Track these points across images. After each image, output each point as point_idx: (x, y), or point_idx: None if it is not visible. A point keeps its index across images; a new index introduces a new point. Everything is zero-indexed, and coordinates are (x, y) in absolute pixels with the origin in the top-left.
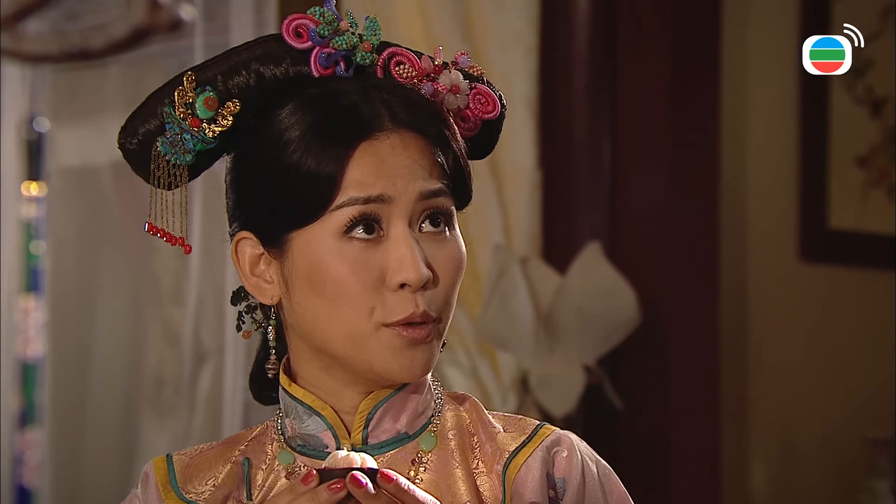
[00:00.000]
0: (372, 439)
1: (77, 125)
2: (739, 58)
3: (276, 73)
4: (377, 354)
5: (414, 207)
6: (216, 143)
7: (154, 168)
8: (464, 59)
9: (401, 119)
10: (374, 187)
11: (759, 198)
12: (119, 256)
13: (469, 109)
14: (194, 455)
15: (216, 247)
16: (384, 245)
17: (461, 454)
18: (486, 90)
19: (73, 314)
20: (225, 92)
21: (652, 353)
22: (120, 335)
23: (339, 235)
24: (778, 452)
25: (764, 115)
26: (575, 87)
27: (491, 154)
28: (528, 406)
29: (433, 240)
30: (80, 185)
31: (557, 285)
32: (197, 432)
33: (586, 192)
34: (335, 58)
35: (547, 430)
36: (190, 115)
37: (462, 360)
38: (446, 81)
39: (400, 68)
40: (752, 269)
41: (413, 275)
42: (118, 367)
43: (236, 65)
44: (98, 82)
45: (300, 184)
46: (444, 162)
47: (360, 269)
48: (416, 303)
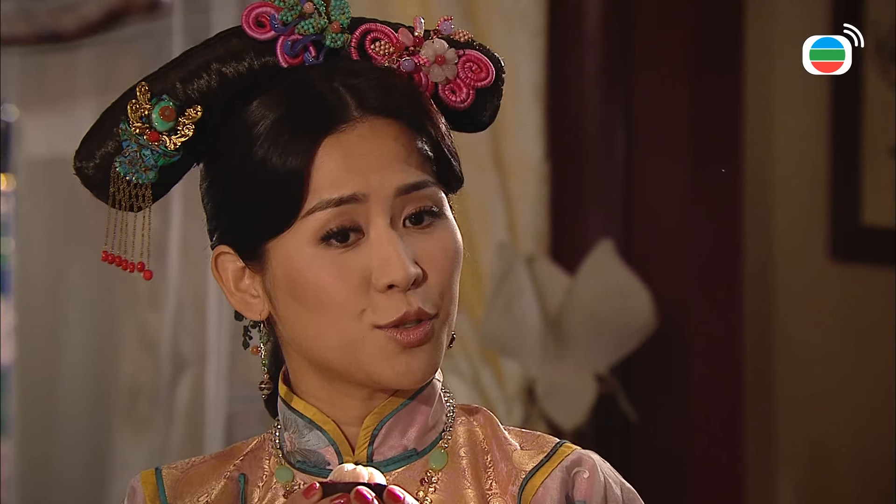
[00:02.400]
0: (377, 456)
1: (47, 113)
2: (765, 38)
3: (240, 69)
4: (372, 359)
5: (394, 202)
6: (180, 154)
7: (114, 191)
8: (446, 25)
9: (369, 105)
10: (345, 186)
11: (786, 191)
12: (92, 255)
13: (459, 79)
14: (186, 469)
15: (196, 246)
16: (366, 246)
17: (473, 473)
18: (477, 56)
19: (42, 318)
20: (185, 99)
21: (669, 361)
22: (92, 341)
23: (316, 242)
24: (806, 468)
25: (791, 101)
26: (586, 72)
27: (494, 144)
28: (534, 418)
29: (420, 232)
30: (51, 178)
31: (566, 287)
32: (175, 447)
33: (598, 185)
34: (302, 44)
35: (567, 449)
36: (147, 128)
37: (463, 368)
38: (429, 53)
39: (376, 45)
40: (778, 269)
41: (400, 274)
42: (90, 376)
43: (195, 68)
44: (69, 66)
45: (267, 188)
46: (425, 146)
47: (342, 274)
48: (407, 301)
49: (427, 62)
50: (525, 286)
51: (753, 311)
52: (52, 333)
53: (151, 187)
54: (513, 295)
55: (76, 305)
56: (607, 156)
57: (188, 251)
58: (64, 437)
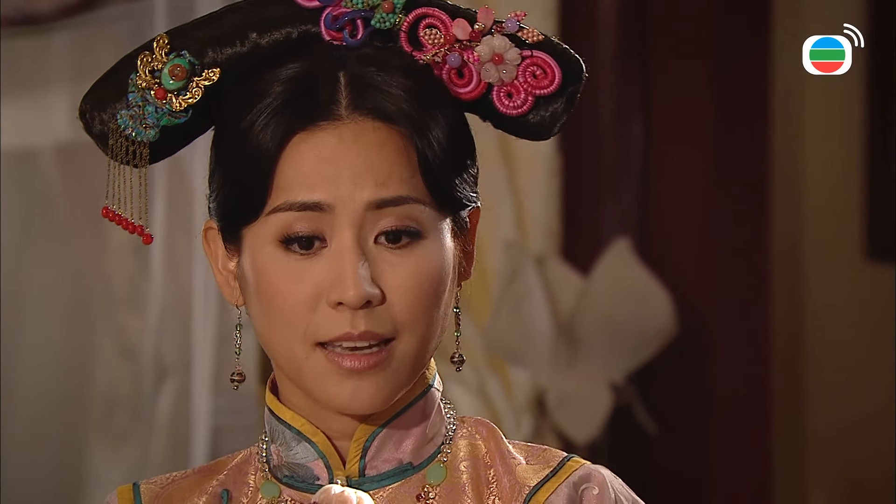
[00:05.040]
0: (370, 470)
1: (15, 101)
2: (795, 20)
3: (276, 37)
4: (315, 381)
5: (364, 216)
6: (187, 116)
7: (112, 143)
8: (512, 21)
9: (364, 105)
10: (312, 192)
11: (818, 186)
12: (63, 254)
13: (518, 82)
14: (165, 484)
15: (180, 244)
16: (326, 257)
17: (474, 489)
18: (546, 60)
19: (8, 322)
20: (209, 62)
21: (690, 369)
22: (64, 347)
23: (277, 243)
24: (841, 486)
25: (822, 88)
26: (600, 57)
27: (501, 134)
28: (545, 430)
29: (393, 252)
30: (19, 171)
31: (579, 289)
32: (156, 463)
33: (613, 179)
34: (348, 18)
35: (575, 464)
36: (156, 84)
37: (467, 377)
38: (485, 50)
39: (428, 34)
40: (809, 270)
41: (350, 293)
42: (62, 386)
43: (229, 33)
44: (41, 51)
45: (243, 165)
46: (418, 159)
47: (296, 282)
48: (352, 322)
49: (476, 59)
50: (534, 288)
51: (782, 315)
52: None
53: (151, 146)
54: (521, 297)
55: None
56: (623, 147)
57: (172, 249)
58: (33, 453)
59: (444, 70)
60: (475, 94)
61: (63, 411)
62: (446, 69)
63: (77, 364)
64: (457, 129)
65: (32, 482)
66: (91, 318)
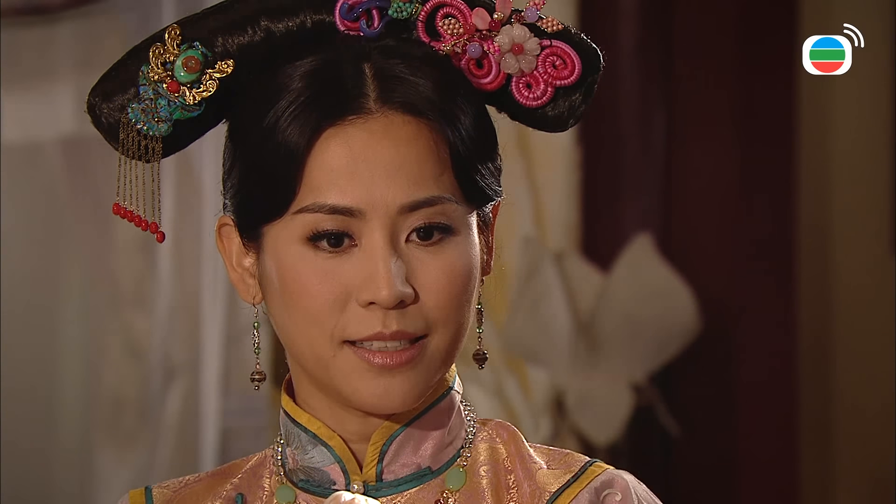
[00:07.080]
0: (388, 475)
1: (20, 93)
2: (823, 8)
3: (290, 25)
4: (344, 379)
5: (395, 220)
6: (200, 110)
7: (123, 138)
8: (532, 11)
9: (393, 98)
10: (343, 195)
11: (845, 180)
12: (70, 252)
13: (538, 73)
14: (178, 489)
15: (188, 243)
16: (356, 256)
17: (494, 494)
18: (565, 50)
19: (14, 321)
20: (221, 52)
21: (714, 369)
22: (72, 347)
23: (304, 241)
24: (869, 488)
25: (851, 78)
26: (621, 47)
27: (519, 126)
28: (564, 432)
29: (425, 249)
30: (24, 165)
31: (599, 286)
32: (164, 465)
33: (634, 173)
34: (363, 8)
35: (597, 469)
36: (168, 76)
37: (484, 377)
38: (505, 40)
39: (446, 23)
40: (836, 267)
41: (383, 293)
42: (69, 387)
43: (241, 20)
44: (46, 42)
45: (268, 163)
46: (448, 153)
47: (326, 281)
48: (384, 322)
49: (497, 50)
50: (553, 285)
51: (807, 312)
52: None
53: (164, 140)
54: (540, 295)
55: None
56: (645, 140)
57: (180, 247)
58: (41, 455)
59: (464, 60)
60: (495, 84)
61: (73, 411)
62: (465, 59)
63: (86, 364)
64: (482, 120)
65: (39, 483)
66: (99, 317)
